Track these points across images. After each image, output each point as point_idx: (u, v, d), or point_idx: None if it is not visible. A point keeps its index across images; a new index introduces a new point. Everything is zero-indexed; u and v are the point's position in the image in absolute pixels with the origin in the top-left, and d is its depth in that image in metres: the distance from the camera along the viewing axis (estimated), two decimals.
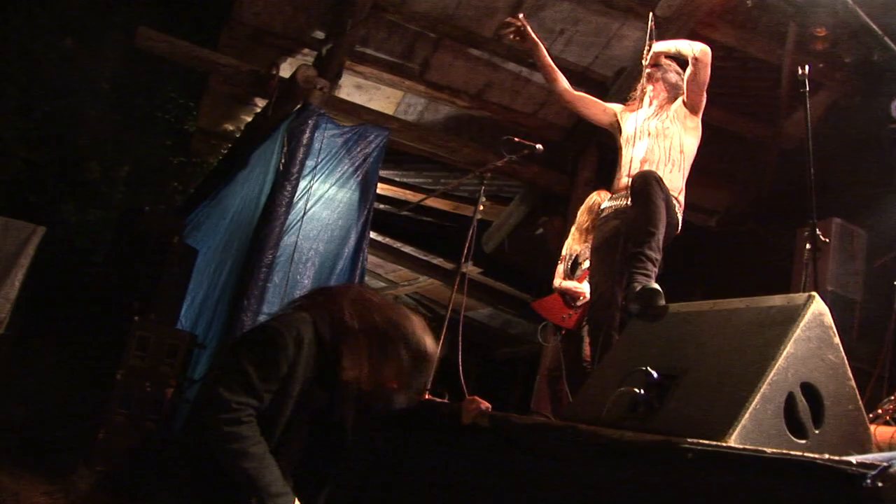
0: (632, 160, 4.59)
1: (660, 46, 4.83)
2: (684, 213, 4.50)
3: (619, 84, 8.08)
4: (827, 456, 2.03)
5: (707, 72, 4.58)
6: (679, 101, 4.70)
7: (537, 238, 9.29)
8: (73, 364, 6.39)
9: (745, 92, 8.50)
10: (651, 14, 5.06)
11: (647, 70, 4.86)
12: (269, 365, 2.71)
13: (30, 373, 6.91)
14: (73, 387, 6.18)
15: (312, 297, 3.06)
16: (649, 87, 4.84)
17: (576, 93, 5.07)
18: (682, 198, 4.50)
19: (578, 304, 5.68)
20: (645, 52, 4.87)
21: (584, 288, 5.64)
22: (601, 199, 5.52)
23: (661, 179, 4.20)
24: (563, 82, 5.03)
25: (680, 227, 4.45)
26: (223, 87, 8.88)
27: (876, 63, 6.80)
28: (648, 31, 4.92)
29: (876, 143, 7.06)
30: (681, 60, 4.77)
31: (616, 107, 5.03)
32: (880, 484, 1.81)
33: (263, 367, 2.70)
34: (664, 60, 4.85)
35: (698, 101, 4.64)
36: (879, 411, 5.41)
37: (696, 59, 4.54)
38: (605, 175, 6.13)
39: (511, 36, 4.91)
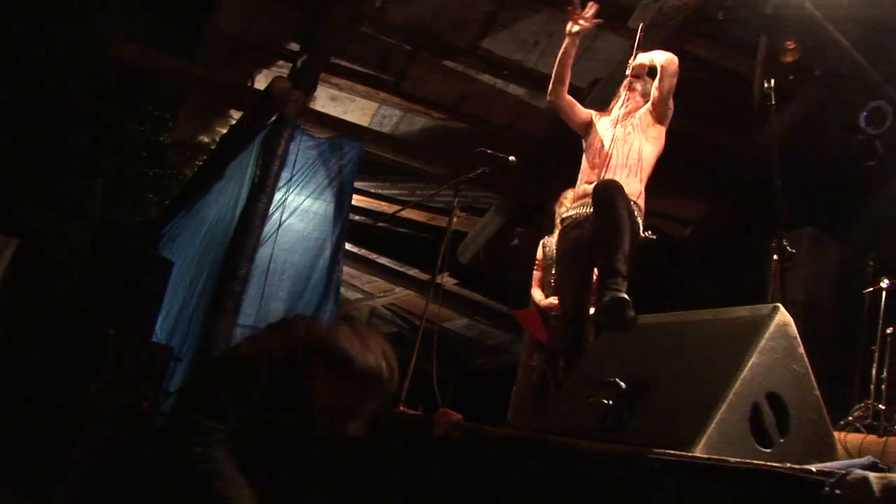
0: (591, 166, 4.63)
1: (643, 58, 4.86)
2: (645, 217, 4.52)
3: (594, 95, 8.14)
4: (787, 464, 2.07)
5: (672, 80, 4.60)
6: (644, 108, 4.74)
7: (513, 249, 9.33)
8: (48, 377, 6.35)
9: (719, 103, 8.57)
10: (641, 25, 5.09)
11: (629, 79, 4.90)
12: (241, 391, 2.74)
13: (3, 385, 6.86)
14: (47, 400, 6.14)
15: (284, 323, 3.08)
16: (624, 95, 4.87)
17: (569, 98, 5.06)
18: (641, 202, 4.52)
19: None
20: (630, 60, 4.90)
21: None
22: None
23: (621, 187, 4.22)
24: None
25: (640, 232, 4.46)
26: (199, 98, 8.87)
27: (844, 75, 6.88)
28: (637, 40, 4.95)
29: (846, 154, 7.14)
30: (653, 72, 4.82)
31: (592, 112, 5.06)
32: (838, 491, 1.85)
33: (234, 393, 2.73)
34: (645, 74, 4.90)
35: (662, 109, 4.66)
36: (850, 418, 5.47)
37: (662, 66, 4.58)
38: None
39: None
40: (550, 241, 6.06)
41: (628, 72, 4.89)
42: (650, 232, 4.65)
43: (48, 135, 13.86)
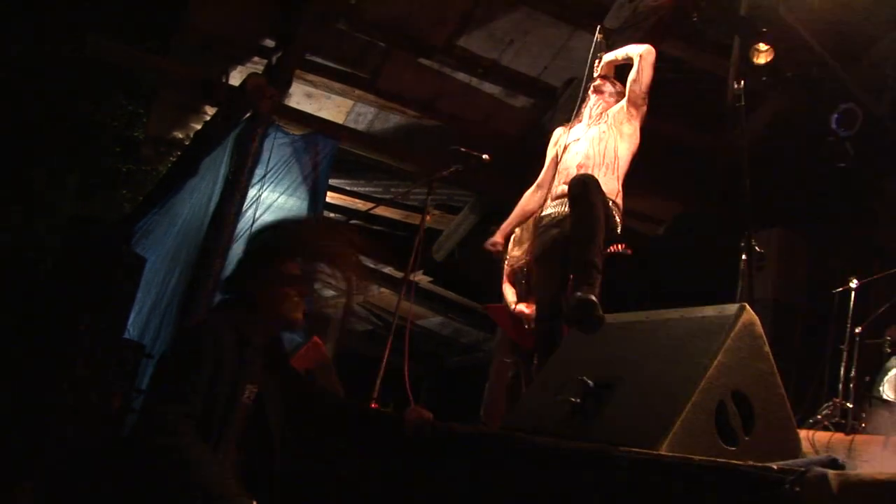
0: (568, 168, 4.63)
1: (610, 56, 4.88)
2: (623, 216, 4.54)
3: (568, 94, 8.16)
4: (750, 462, 2.10)
5: (650, 71, 4.63)
6: (618, 106, 4.74)
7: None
8: (17, 375, 6.30)
9: (692, 103, 8.62)
10: (599, 27, 5.10)
11: (596, 82, 4.91)
12: (193, 369, 2.74)
13: None
14: (16, 399, 6.09)
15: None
16: (593, 97, 4.88)
17: (539, 182, 5.09)
18: (619, 201, 4.53)
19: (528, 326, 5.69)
20: (596, 64, 4.92)
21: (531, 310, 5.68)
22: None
23: (597, 182, 4.23)
24: (535, 197, 5.08)
25: (619, 230, 4.48)
26: (173, 94, 8.83)
27: (815, 77, 6.96)
28: (595, 43, 4.96)
29: (817, 155, 7.21)
30: (628, 67, 4.84)
31: (557, 135, 5.07)
32: (798, 489, 1.88)
33: (188, 372, 2.73)
34: (612, 75, 4.92)
35: (640, 101, 4.67)
36: (819, 416, 5.53)
37: (640, 56, 4.61)
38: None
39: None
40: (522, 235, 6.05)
41: (596, 73, 4.91)
42: (625, 245, 4.67)
43: (16, 129, 13.72)
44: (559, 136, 5.03)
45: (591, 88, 4.93)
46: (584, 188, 4.13)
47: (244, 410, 2.90)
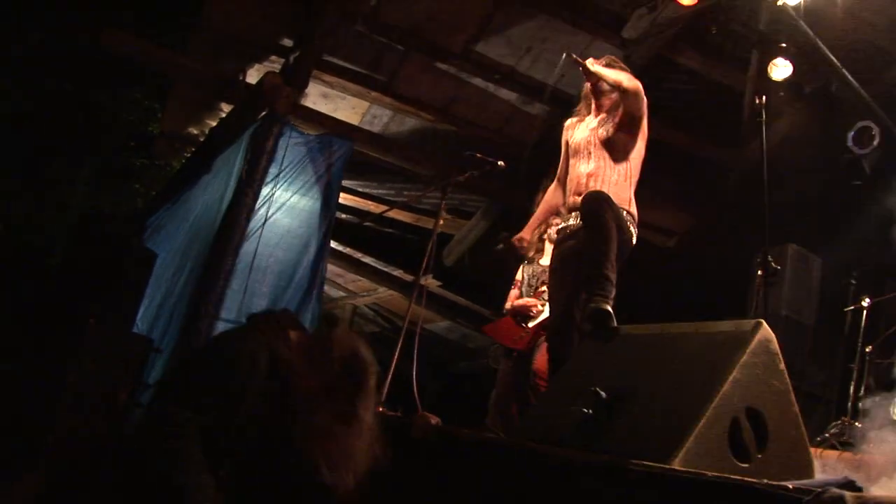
0: (579, 176, 4.59)
1: (600, 70, 4.68)
2: (638, 225, 4.50)
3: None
4: (765, 481, 2.08)
5: (638, 104, 4.53)
6: (621, 108, 4.65)
7: (497, 252, 9.32)
8: (24, 368, 6.30)
9: (709, 115, 8.60)
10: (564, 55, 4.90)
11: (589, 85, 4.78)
12: (219, 382, 2.72)
13: None
14: (22, 390, 6.10)
15: (271, 316, 3.06)
16: (594, 97, 4.79)
17: (559, 176, 5.04)
18: (633, 209, 4.50)
19: (530, 323, 5.69)
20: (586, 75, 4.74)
21: (534, 301, 5.69)
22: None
23: (609, 198, 4.22)
24: (558, 193, 5.01)
25: (634, 240, 4.45)
26: (189, 90, 8.84)
27: (833, 94, 6.93)
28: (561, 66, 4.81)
29: (833, 172, 7.19)
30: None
31: (567, 127, 4.99)
32: None
33: (213, 384, 2.71)
34: (613, 61, 4.79)
35: (634, 128, 4.61)
36: (827, 435, 5.51)
37: (627, 99, 4.51)
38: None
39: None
40: (529, 269, 6.06)
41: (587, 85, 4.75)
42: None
43: (30, 121, 13.76)
44: (568, 127, 4.95)
45: (589, 89, 4.80)
46: (594, 204, 4.14)
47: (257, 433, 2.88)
